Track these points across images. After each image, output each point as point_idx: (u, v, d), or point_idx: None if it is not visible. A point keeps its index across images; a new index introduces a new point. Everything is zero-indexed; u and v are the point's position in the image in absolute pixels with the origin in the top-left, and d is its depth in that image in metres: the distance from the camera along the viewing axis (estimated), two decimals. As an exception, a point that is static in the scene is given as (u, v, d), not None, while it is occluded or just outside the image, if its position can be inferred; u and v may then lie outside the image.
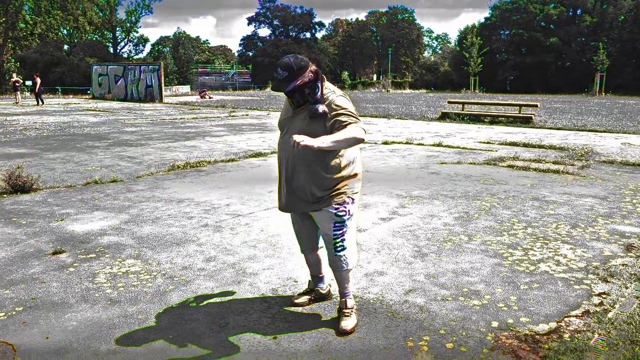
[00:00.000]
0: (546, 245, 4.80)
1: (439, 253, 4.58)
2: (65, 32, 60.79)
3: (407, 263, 4.34)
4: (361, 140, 2.98)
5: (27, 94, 34.11)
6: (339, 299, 3.41)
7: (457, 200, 6.56)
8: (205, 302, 3.58)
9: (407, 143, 12.22)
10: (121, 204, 6.31)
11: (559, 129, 16.16)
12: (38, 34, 47.41)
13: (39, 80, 28.45)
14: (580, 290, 3.79)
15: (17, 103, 28.23)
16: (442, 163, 9.37)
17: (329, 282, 3.70)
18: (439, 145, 11.77)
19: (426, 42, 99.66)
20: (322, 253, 3.47)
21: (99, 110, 23.86)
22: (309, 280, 3.67)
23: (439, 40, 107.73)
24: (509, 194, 6.87)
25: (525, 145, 11.80)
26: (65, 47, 65.18)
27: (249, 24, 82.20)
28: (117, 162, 9.31)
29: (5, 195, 6.67)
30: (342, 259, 3.24)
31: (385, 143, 12.13)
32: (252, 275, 4.07)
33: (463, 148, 11.34)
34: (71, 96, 40.65)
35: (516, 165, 9.01)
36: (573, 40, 61.99)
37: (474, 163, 9.36)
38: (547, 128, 16.36)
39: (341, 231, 3.20)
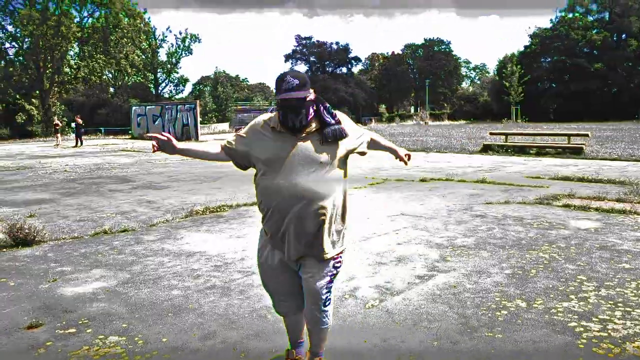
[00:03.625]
0: (629, 315, 3.80)
1: (491, 326, 3.66)
2: (110, 75, 62.83)
3: (452, 342, 3.44)
4: None
5: (73, 135, 34.61)
6: (307, 358, 3.07)
7: (508, 250, 5.60)
8: (188, 405, 2.79)
9: (447, 180, 11.27)
10: (125, 259, 5.64)
11: (613, 159, 14.88)
12: (82, 77, 48.96)
13: (80, 121, 29.09)
14: (691, 390, 2.80)
15: (57, 145, 28.74)
16: (487, 203, 8.39)
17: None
18: (483, 181, 10.77)
19: (464, 73, 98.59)
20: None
21: (134, 151, 23.86)
22: (290, 350, 3.15)
23: (477, 70, 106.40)
24: (570, 242, 5.86)
25: (580, 179, 10.67)
26: (111, 89, 67.36)
27: (285, 61, 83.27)
28: (134, 208, 8.75)
29: (5, 249, 6.12)
30: (328, 314, 2.93)
31: (424, 180, 11.22)
32: (255, 361, 3.26)
33: (509, 184, 10.31)
34: (112, 137, 41.43)
35: (573, 204, 7.95)
36: (619, 65, 59.88)
37: (524, 202, 8.34)
38: (601, 159, 15.09)
39: (333, 284, 2.92)
